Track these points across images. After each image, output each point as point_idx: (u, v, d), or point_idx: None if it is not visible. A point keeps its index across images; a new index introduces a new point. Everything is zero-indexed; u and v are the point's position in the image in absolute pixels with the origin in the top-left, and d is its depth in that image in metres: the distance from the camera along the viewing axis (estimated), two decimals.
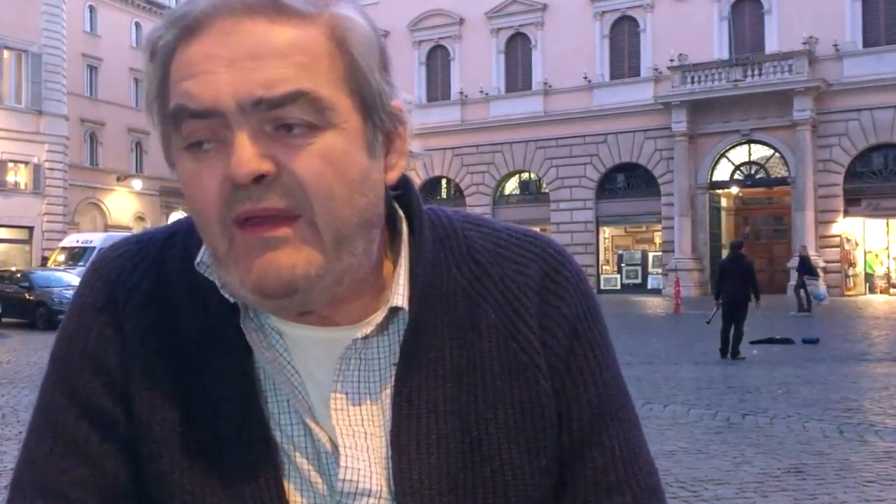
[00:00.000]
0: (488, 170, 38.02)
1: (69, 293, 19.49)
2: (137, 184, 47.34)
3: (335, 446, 0.88)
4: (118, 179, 46.89)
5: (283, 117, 0.77)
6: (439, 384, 0.88)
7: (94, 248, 30.77)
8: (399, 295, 0.87)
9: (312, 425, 0.88)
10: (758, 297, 14.20)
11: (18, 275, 25.18)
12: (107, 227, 43.31)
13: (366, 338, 0.87)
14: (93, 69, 46.52)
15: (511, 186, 39.10)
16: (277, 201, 0.78)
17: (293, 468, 0.89)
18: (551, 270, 0.95)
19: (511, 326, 0.91)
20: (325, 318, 0.88)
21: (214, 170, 0.79)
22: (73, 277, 24.04)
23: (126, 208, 47.31)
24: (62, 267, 28.45)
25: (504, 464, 0.89)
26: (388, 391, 0.88)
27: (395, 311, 0.88)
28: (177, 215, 48.46)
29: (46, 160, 38.06)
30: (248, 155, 0.76)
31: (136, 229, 44.37)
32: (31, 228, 38.26)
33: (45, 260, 33.61)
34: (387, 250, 0.91)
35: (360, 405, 0.88)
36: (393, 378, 0.88)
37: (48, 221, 38.37)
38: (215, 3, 0.78)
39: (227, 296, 0.86)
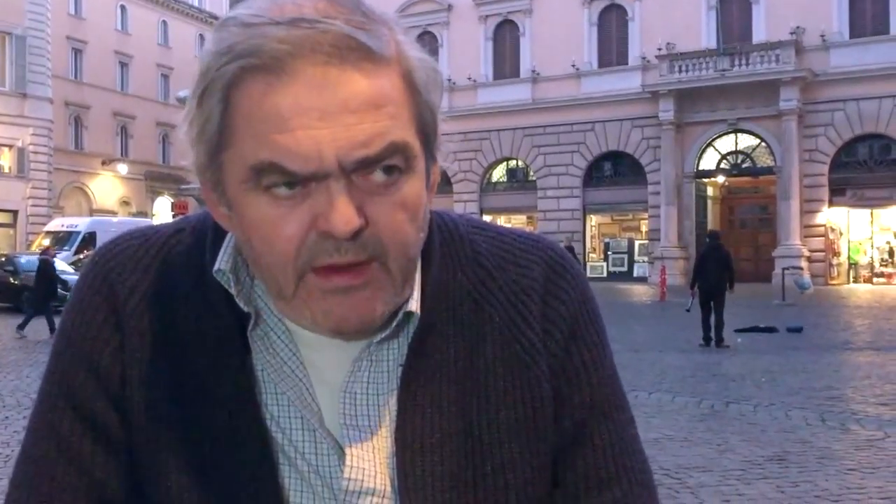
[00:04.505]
0: (476, 157, 37.97)
1: None
2: (123, 168, 47.09)
3: (339, 447, 0.89)
4: (103, 163, 46.62)
5: (375, 169, 0.78)
6: (444, 385, 0.90)
7: (79, 232, 30.62)
8: (413, 300, 0.88)
9: (318, 426, 0.89)
10: (732, 285, 14.36)
11: (3, 259, 25.02)
12: (92, 212, 43.07)
13: (379, 341, 0.88)
14: (78, 52, 46.20)
15: (498, 174, 39.08)
16: (361, 253, 0.79)
17: (293, 470, 0.89)
18: (554, 274, 0.96)
19: (515, 329, 0.93)
20: None
21: (298, 217, 0.78)
22: (57, 262, 23.89)
23: (111, 192, 47.07)
24: None
25: (505, 462, 0.90)
26: (395, 391, 0.89)
27: (407, 314, 0.88)
28: (162, 200, 48.49)
29: (31, 143, 37.83)
30: (350, 212, 0.77)
31: (122, 214, 44.19)
32: (15, 212, 38.04)
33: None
34: None
35: (367, 405, 0.89)
36: (399, 378, 0.89)
37: (33, 205, 38.16)
38: (297, 44, 0.75)
39: (241, 304, 0.86)
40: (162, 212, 47.25)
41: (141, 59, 49.31)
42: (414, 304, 0.88)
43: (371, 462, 0.89)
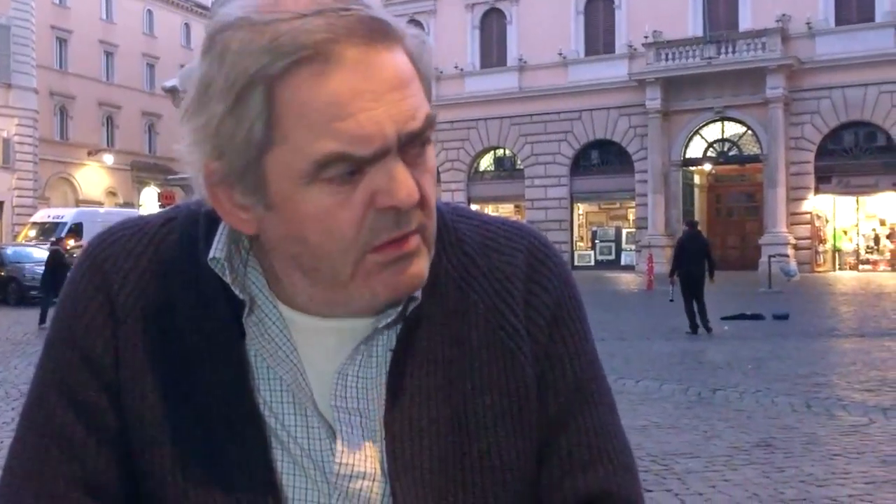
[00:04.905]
0: (463, 146, 37.95)
1: (40, 269, 19.29)
2: (109, 158, 46.81)
3: (331, 431, 0.91)
4: (89, 154, 46.35)
5: (419, 143, 0.83)
6: (431, 371, 0.91)
7: (65, 223, 30.47)
8: None
9: (311, 411, 0.90)
10: (712, 275, 14.58)
11: None
12: (78, 202, 42.84)
13: (377, 328, 0.90)
14: (62, 42, 45.85)
15: (486, 163, 39.06)
16: (415, 222, 0.84)
17: (285, 454, 0.91)
18: (536, 261, 0.98)
19: (499, 315, 0.94)
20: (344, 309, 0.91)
21: (356, 199, 0.81)
22: (44, 253, 23.80)
23: (97, 183, 46.81)
24: (33, 242, 28.14)
25: (491, 445, 0.92)
26: (385, 376, 0.91)
27: (411, 299, 0.89)
28: (148, 190, 48.25)
29: (16, 134, 37.62)
30: (412, 183, 0.81)
31: (108, 204, 43.94)
32: (0, 203, 37.82)
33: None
34: None
35: (357, 388, 0.91)
36: (388, 365, 0.91)
37: (18, 196, 37.97)
38: (333, 31, 0.77)
39: (236, 292, 0.88)
40: (148, 202, 47.04)
41: (126, 49, 48.99)
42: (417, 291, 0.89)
43: (361, 446, 0.91)
